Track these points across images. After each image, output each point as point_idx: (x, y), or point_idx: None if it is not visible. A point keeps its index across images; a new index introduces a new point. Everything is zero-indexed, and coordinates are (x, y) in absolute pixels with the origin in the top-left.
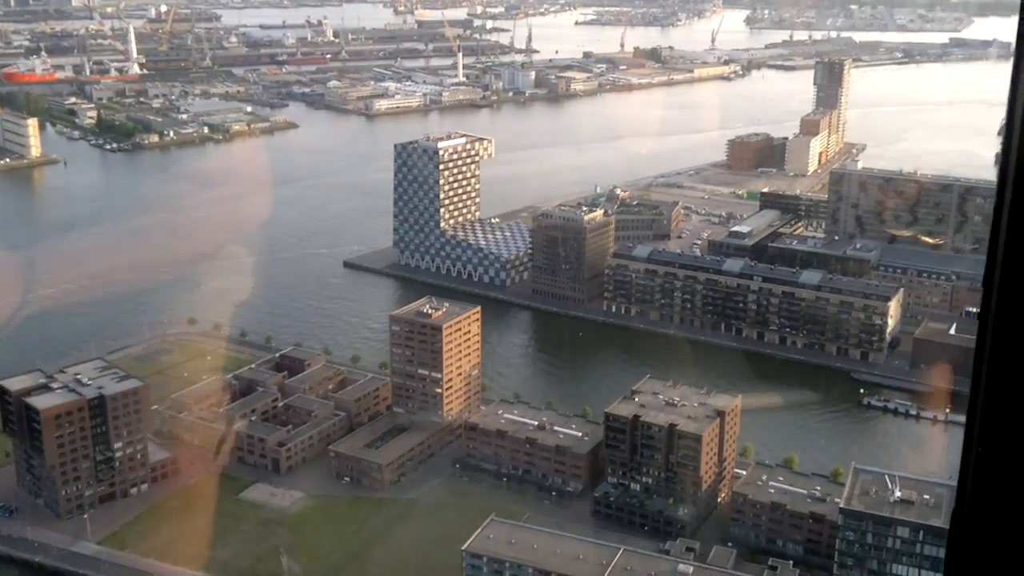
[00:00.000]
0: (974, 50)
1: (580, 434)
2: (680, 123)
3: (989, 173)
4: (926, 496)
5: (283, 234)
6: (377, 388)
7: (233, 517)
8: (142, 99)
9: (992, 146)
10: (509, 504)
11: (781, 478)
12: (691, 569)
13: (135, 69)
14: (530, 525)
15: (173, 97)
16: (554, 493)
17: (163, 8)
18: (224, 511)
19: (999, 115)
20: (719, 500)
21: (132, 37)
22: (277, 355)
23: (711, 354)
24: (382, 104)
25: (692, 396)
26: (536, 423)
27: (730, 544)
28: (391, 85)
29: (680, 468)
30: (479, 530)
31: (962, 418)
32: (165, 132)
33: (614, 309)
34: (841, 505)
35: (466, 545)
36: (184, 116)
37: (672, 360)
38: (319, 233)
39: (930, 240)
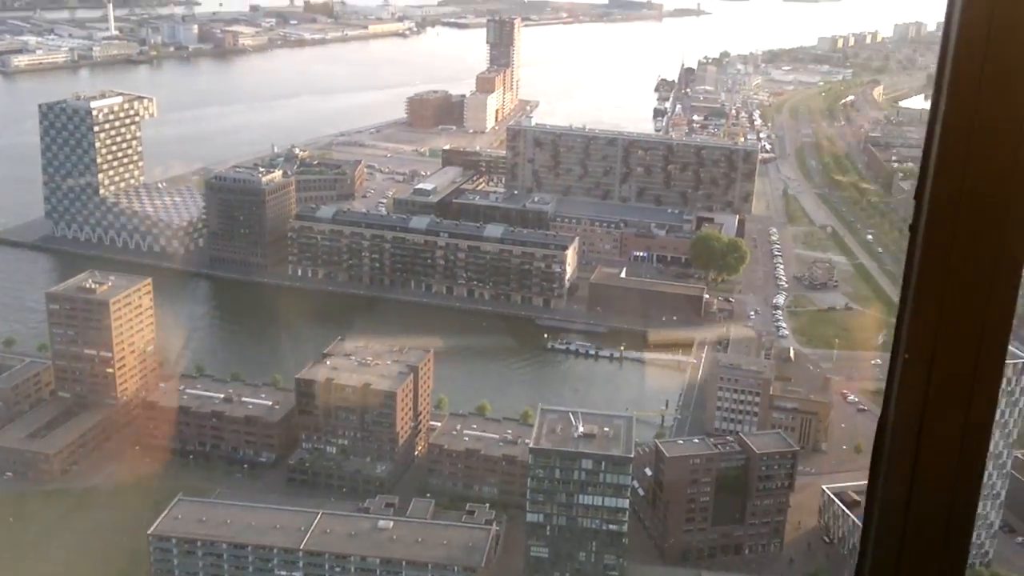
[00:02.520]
0: (631, 11)
1: (271, 403)
2: (358, 80)
3: (648, 126)
4: (606, 429)
5: None
6: (37, 373)
7: None
8: None
9: (649, 101)
10: (197, 482)
11: (475, 426)
12: (391, 524)
13: None
14: (221, 501)
15: None
16: (246, 466)
17: None
18: None
19: (655, 72)
20: (416, 453)
21: None
22: None
23: (403, 311)
24: (21, 60)
25: (385, 355)
26: (222, 395)
27: (429, 495)
28: (31, 39)
29: (376, 427)
30: (165, 512)
31: (636, 354)
32: None
33: (300, 272)
34: (531, 445)
35: (152, 529)
36: None
37: (364, 320)
38: None
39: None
